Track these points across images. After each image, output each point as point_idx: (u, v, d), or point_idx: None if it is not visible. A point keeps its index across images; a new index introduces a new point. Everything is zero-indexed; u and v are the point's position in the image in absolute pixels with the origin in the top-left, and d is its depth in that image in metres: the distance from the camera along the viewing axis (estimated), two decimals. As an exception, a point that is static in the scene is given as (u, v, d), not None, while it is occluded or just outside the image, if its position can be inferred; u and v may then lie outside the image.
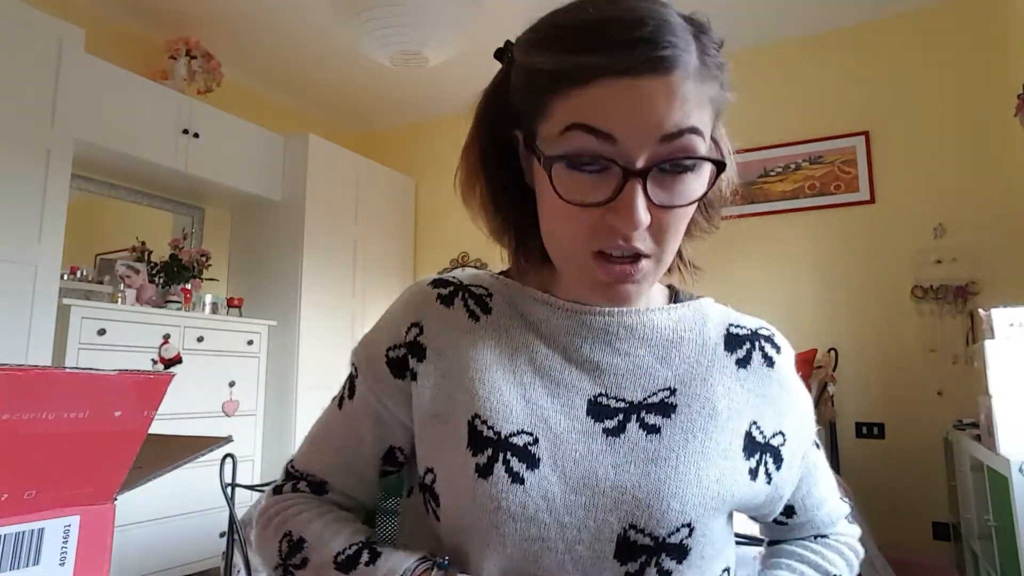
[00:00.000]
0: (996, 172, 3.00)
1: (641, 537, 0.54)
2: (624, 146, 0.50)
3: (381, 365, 0.63)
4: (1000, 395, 1.91)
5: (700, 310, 0.66)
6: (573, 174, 0.52)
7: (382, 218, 4.22)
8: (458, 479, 0.57)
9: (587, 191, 0.52)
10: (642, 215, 0.51)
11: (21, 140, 2.49)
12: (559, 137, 0.52)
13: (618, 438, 0.57)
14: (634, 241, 0.53)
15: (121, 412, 0.38)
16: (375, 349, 0.65)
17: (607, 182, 0.51)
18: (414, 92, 4.15)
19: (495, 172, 0.63)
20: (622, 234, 0.52)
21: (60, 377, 0.36)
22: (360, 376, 0.66)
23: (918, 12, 3.24)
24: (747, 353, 0.64)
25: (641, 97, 0.49)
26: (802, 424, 0.65)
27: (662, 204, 0.52)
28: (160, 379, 0.39)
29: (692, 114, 0.51)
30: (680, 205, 0.53)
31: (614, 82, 0.49)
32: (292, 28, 3.44)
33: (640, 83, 0.49)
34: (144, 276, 3.16)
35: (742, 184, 3.83)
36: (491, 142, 0.62)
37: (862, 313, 3.20)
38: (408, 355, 0.62)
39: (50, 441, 0.36)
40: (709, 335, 0.64)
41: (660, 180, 0.52)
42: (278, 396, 3.50)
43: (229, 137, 3.43)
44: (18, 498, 0.36)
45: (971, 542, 2.37)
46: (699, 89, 0.52)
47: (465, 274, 0.68)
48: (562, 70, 0.51)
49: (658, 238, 0.54)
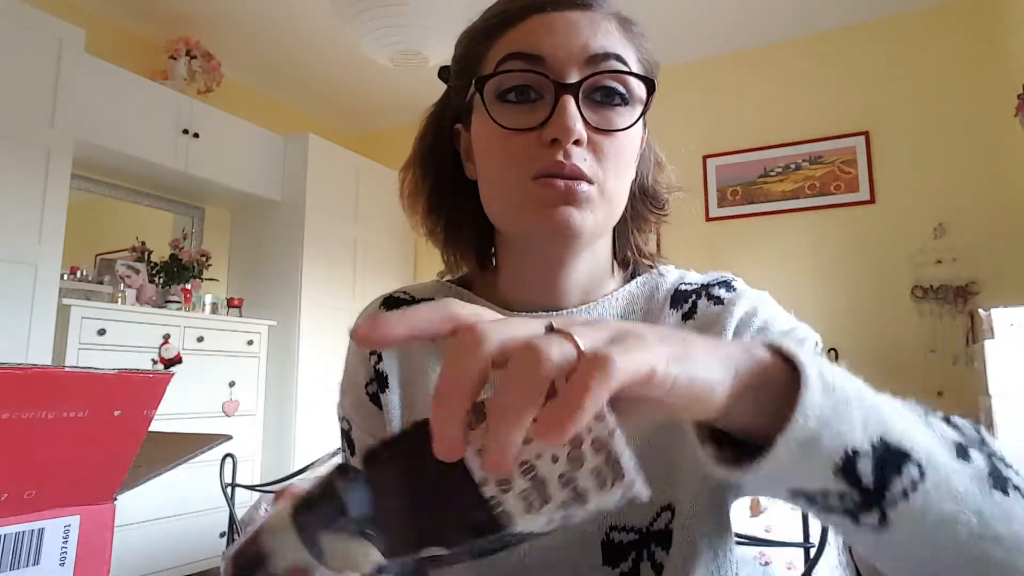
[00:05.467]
0: (996, 172, 2.99)
1: (625, 535, 0.52)
2: (553, 66, 0.52)
3: (367, 404, 0.62)
4: (1000, 395, 1.91)
5: (651, 281, 0.62)
6: (508, 107, 0.53)
7: (382, 218, 4.22)
8: None
9: (523, 118, 0.53)
10: (577, 123, 0.51)
11: (21, 140, 2.49)
12: (494, 73, 0.55)
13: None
14: (573, 157, 0.51)
15: (121, 412, 0.37)
16: (356, 392, 0.63)
17: (542, 108, 0.52)
18: (414, 92, 4.14)
19: (436, 168, 0.63)
20: (561, 148, 0.51)
21: (60, 376, 0.35)
22: (353, 427, 0.64)
23: (918, 12, 3.24)
24: (692, 304, 0.59)
25: (566, 23, 0.54)
26: None
27: (597, 126, 0.53)
28: (159, 378, 0.39)
29: (616, 45, 0.54)
30: (616, 129, 0.53)
31: (541, 16, 0.54)
32: (292, 28, 3.44)
33: (565, 14, 0.54)
34: (144, 276, 3.16)
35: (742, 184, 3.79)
36: (435, 143, 0.64)
37: (862, 313, 3.20)
38: (376, 384, 0.61)
39: (50, 441, 0.36)
40: (657, 301, 0.60)
41: (593, 107, 0.53)
42: (278, 396, 3.50)
43: (229, 137, 3.43)
44: (18, 498, 0.36)
45: (971, 542, 2.37)
46: (623, 36, 0.56)
47: (417, 287, 0.67)
48: (495, 19, 0.57)
49: (599, 161, 0.53)
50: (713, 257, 3.41)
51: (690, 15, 3.27)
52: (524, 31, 0.54)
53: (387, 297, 0.66)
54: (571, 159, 0.51)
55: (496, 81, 0.54)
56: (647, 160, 0.64)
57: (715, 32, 3.45)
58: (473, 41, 0.59)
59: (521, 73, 0.53)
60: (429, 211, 0.64)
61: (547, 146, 0.52)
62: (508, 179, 0.54)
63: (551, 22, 0.54)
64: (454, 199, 0.63)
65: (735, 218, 3.51)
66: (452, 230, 0.64)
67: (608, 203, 0.54)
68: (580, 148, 0.52)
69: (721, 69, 3.63)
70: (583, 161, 0.52)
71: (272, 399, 3.47)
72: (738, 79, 3.58)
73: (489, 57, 0.56)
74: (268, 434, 3.37)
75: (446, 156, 0.63)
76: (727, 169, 3.51)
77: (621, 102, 0.54)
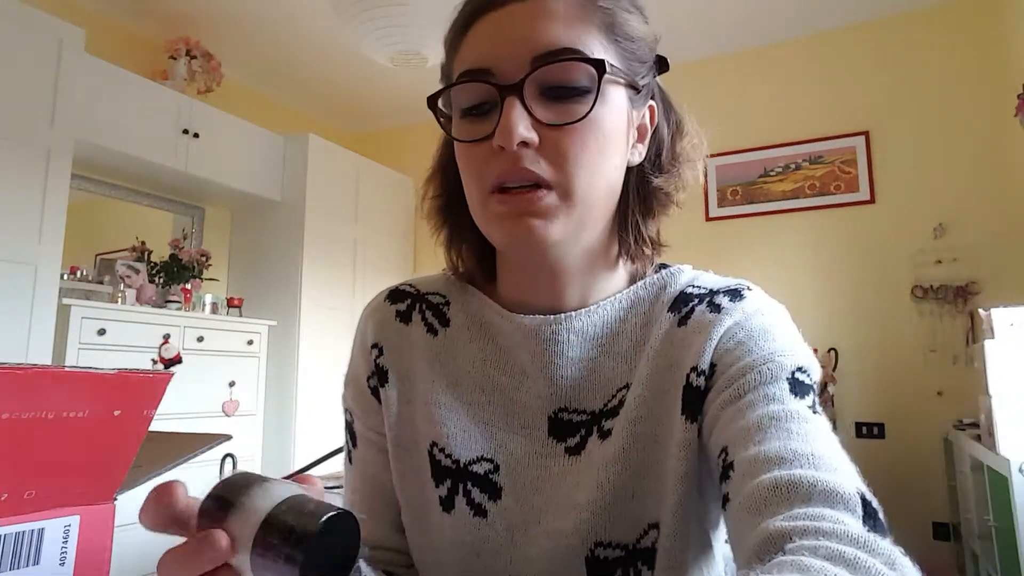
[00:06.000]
0: (996, 172, 2.99)
1: (611, 552, 0.51)
2: (499, 73, 0.50)
3: (368, 398, 0.62)
4: (1000, 395, 1.91)
5: (659, 282, 0.59)
6: (467, 122, 0.53)
7: (382, 218, 4.22)
8: (428, 512, 0.56)
9: (477, 130, 0.51)
10: (519, 125, 0.48)
11: (21, 140, 2.49)
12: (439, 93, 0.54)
13: (579, 456, 0.54)
14: (523, 162, 0.49)
15: (121, 411, 0.37)
16: (357, 385, 0.63)
17: (494, 117, 0.50)
18: (414, 92, 4.14)
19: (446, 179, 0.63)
20: (509, 154, 0.49)
21: (60, 376, 0.35)
22: (356, 419, 0.63)
23: (918, 12, 3.24)
24: (691, 309, 0.55)
25: (509, 21, 0.51)
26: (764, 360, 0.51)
27: (548, 122, 0.49)
28: (159, 378, 0.39)
29: (564, 32, 0.49)
30: (570, 122, 0.49)
31: (486, 18, 0.52)
32: (292, 28, 3.44)
33: (506, 10, 0.51)
34: (144, 276, 3.15)
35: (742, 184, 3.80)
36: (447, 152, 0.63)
37: (862, 313, 3.20)
38: (376, 379, 0.61)
39: (50, 441, 0.35)
40: (660, 303, 0.57)
41: (545, 103, 0.50)
42: (278, 396, 3.50)
43: (229, 137, 3.43)
44: (18, 498, 0.36)
45: (971, 542, 2.37)
46: (577, 13, 0.51)
47: (422, 280, 0.66)
48: (452, 31, 0.55)
49: (557, 163, 0.49)
50: (713, 257, 3.41)
51: (690, 15, 3.27)
52: (472, 40, 0.53)
53: (392, 290, 0.66)
54: (520, 163, 0.49)
55: (456, 98, 0.53)
56: (660, 133, 0.59)
57: (715, 32, 3.45)
58: (446, 54, 0.58)
59: (471, 88, 0.51)
60: (439, 223, 0.64)
61: (497, 155, 0.50)
62: (472, 194, 0.54)
63: (496, 24, 0.51)
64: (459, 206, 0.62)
65: (735, 218, 3.51)
66: (456, 238, 0.63)
67: (576, 204, 0.51)
68: (530, 151, 0.49)
69: (721, 69, 3.63)
70: (536, 163, 0.49)
71: (272, 399, 3.46)
72: (738, 79, 3.58)
73: (454, 70, 0.54)
74: (268, 434, 3.37)
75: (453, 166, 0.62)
76: (727, 169, 3.51)
77: (577, 92, 0.50)
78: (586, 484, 0.52)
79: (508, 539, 0.53)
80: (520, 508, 0.53)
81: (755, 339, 0.51)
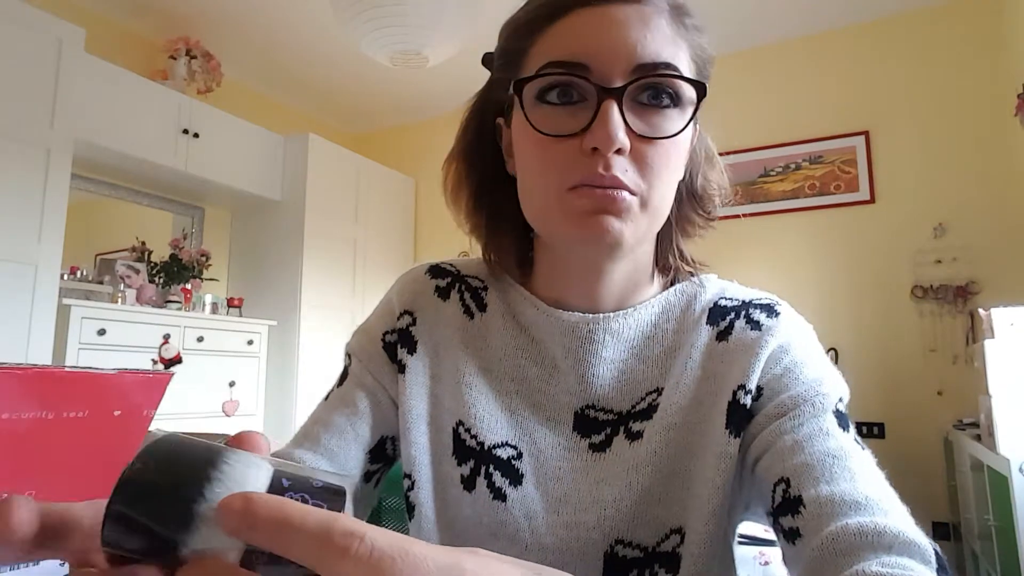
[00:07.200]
0: (996, 172, 2.99)
1: (630, 551, 0.52)
2: (598, 72, 0.49)
3: (377, 348, 0.62)
4: (1000, 395, 1.91)
5: (689, 290, 0.60)
6: (548, 110, 0.51)
7: (382, 218, 4.22)
8: (447, 486, 0.56)
9: (563, 123, 0.50)
10: (619, 132, 0.48)
11: (21, 140, 2.49)
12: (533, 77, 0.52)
13: (604, 453, 0.55)
14: (614, 168, 0.49)
15: (121, 411, 0.37)
16: (370, 335, 0.63)
17: (584, 112, 0.49)
18: (414, 92, 4.14)
19: (480, 163, 0.62)
20: (601, 158, 0.48)
21: (60, 376, 0.35)
22: (354, 361, 0.62)
23: (918, 12, 3.24)
24: (729, 324, 0.57)
25: (613, 21, 0.49)
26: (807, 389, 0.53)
27: (642, 133, 0.49)
28: (159, 378, 0.39)
29: (667, 47, 0.50)
30: (661, 137, 0.50)
31: (586, 11, 0.50)
32: (292, 28, 3.44)
33: (610, 9, 0.50)
34: (144, 276, 3.15)
35: (742, 184, 3.80)
36: (478, 136, 0.62)
37: (862, 313, 3.20)
38: (399, 343, 0.61)
39: (50, 441, 0.35)
40: (694, 312, 0.58)
41: (638, 111, 0.50)
42: (278, 396, 3.50)
43: (229, 137, 3.43)
44: (18, 498, 0.36)
45: (971, 542, 2.37)
46: (675, 33, 0.51)
47: (462, 262, 0.67)
48: (538, 12, 0.52)
49: (643, 173, 0.50)
50: (713, 257, 3.40)
51: (690, 15, 3.27)
52: (567, 29, 0.50)
53: (433, 265, 0.66)
54: (611, 170, 0.49)
55: (536, 81, 0.51)
56: (696, 156, 0.60)
57: (715, 32, 3.41)
58: (516, 35, 0.55)
59: (559, 79, 0.50)
60: (473, 209, 0.63)
61: (587, 155, 0.49)
62: (545, 187, 0.52)
63: (597, 20, 0.50)
64: (495, 196, 0.61)
65: (735, 218, 3.50)
66: (492, 230, 0.63)
67: (650, 214, 0.52)
68: (622, 157, 0.49)
69: (721, 69, 3.58)
70: (624, 172, 0.49)
71: (272, 399, 3.47)
72: (738, 79, 3.57)
73: (531, 54, 0.52)
74: (268, 434, 3.34)
75: (488, 150, 0.61)
76: (727, 169, 3.51)
77: (670, 103, 0.50)
78: (613, 482, 0.53)
79: (526, 525, 0.53)
80: (540, 496, 0.54)
81: (800, 366, 0.53)
